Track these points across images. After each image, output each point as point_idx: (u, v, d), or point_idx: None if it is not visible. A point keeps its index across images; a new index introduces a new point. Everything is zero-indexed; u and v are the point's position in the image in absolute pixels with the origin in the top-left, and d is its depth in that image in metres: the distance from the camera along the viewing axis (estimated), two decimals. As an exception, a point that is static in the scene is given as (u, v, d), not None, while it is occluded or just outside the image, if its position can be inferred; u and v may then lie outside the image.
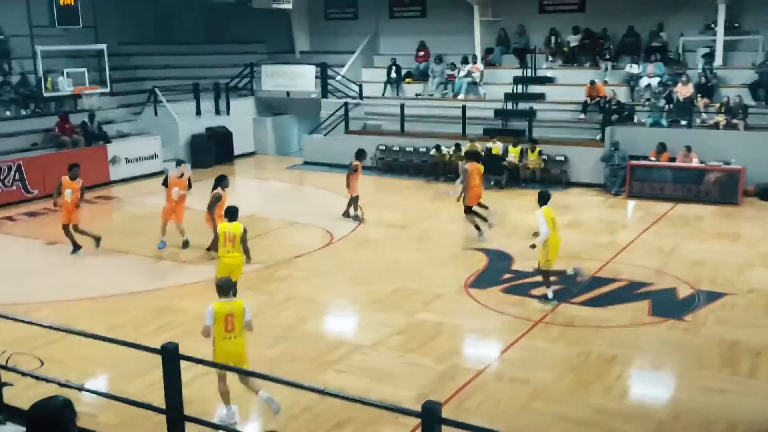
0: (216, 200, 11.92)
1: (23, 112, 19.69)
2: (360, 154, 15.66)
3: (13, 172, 17.17)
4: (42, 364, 8.49)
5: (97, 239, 13.18)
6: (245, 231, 9.92)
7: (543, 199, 10.62)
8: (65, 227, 12.95)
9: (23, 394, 7.15)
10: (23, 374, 6.88)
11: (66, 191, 12.82)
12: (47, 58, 19.02)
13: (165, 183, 13.47)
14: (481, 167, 14.30)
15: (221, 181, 12.24)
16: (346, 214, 15.42)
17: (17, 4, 18.76)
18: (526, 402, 7.68)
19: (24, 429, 3.25)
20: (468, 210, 13.91)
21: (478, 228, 13.82)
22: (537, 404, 7.65)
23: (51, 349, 8.85)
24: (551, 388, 7.96)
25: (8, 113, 19.39)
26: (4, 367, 6.70)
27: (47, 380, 6.38)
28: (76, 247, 13.04)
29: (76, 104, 20.52)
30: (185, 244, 13.29)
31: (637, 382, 8.31)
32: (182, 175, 13.43)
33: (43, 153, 18.45)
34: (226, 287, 7.35)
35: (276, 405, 7.15)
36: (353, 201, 15.38)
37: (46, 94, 19.32)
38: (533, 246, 10.58)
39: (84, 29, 19.71)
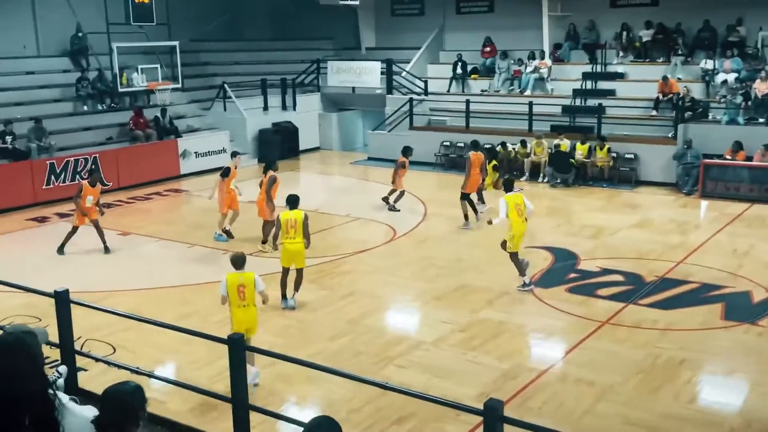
0: (273, 182, 12.71)
1: (99, 107, 20.38)
2: (406, 151, 15.89)
3: (89, 165, 17.77)
4: (114, 350, 8.77)
5: (106, 247, 13.18)
6: (307, 217, 10.13)
7: (507, 186, 11.07)
8: (75, 229, 13.02)
9: (97, 379, 7.43)
10: (97, 360, 7.15)
11: (87, 197, 12.96)
12: (123, 55, 19.61)
13: (226, 174, 13.67)
14: (482, 156, 14.79)
15: (272, 165, 13.05)
16: (385, 199, 15.88)
17: (95, 2, 19.41)
18: (590, 404, 7.54)
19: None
20: (463, 196, 14.32)
21: (466, 217, 14.20)
22: (602, 407, 7.50)
23: (123, 337, 9.14)
24: (617, 391, 7.80)
25: (85, 108, 20.10)
26: (79, 353, 6.96)
27: (119, 366, 6.61)
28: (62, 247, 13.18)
29: (149, 99, 21.12)
30: (230, 234, 13.74)
31: (707, 388, 8.06)
32: (236, 166, 13.86)
33: (117, 147, 19.06)
34: (238, 261, 8.08)
35: (255, 380, 7.75)
36: (398, 195, 15.85)
37: (121, 90, 19.94)
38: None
39: (157, 26, 20.26)
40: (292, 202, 10.28)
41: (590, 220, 14.94)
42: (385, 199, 15.94)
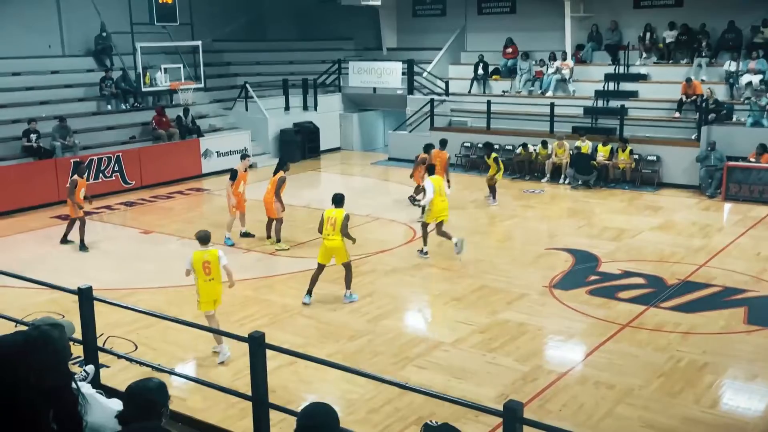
0: (281, 183, 12.95)
1: (123, 107, 20.58)
2: (428, 148, 15.97)
3: (112, 164, 17.96)
4: (136, 347, 8.86)
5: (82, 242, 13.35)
6: (347, 218, 10.29)
7: (430, 171, 12.89)
8: (74, 221, 13.45)
9: (118, 376, 7.52)
10: (119, 357, 7.23)
11: (81, 190, 13.31)
12: (146, 54, 19.78)
13: (233, 177, 13.54)
14: (445, 155, 15.57)
15: (283, 165, 13.29)
16: (412, 198, 16.22)
17: (119, 3, 19.60)
18: (610, 407, 7.50)
19: None
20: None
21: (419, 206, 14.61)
22: (622, 410, 7.46)
23: (144, 334, 9.24)
24: (637, 394, 7.74)
25: (109, 107, 20.31)
26: (102, 349, 7.03)
27: (140, 363, 6.67)
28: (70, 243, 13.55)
29: (172, 99, 21.29)
30: (247, 234, 13.91)
31: (729, 392, 7.97)
32: (245, 169, 13.91)
33: (140, 146, 19.24)
34: (203, 239, 8.71)
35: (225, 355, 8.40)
36: (419, 189, 16.09)
37: (144, 89, 20.12)
38: (417, 202, 12.61)
39: (181, 26, 20.41)
40: (338, 201, 10.45)
41: (611, 222, 14.85)
42: (412, 198, 16.27)
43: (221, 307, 10.33)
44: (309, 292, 10.47)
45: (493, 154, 16.86)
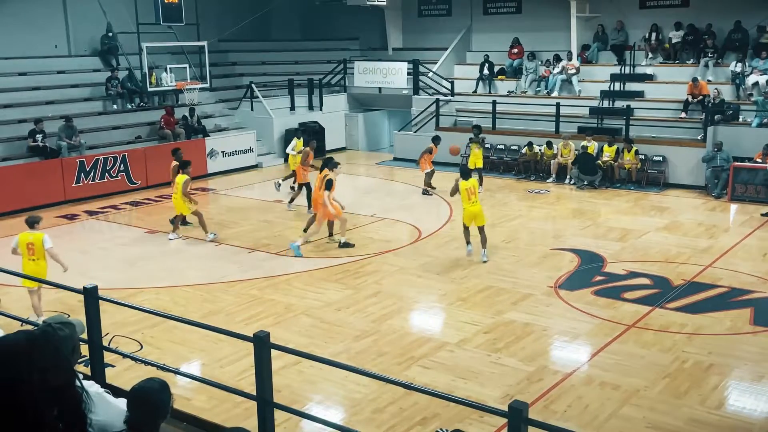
0: (329, 185, 12.91)
1: (129, 106, 20.63)
2: (436, 139, 17.58)
3: (118, 163, 18.01)
4: (141, 347, 8.87)
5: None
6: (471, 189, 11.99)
7: (327, 164, 13.35)
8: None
9: (123, 375, 7.54)
10: (124, 356, 7.24)
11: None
12: (152, 54, 19.83)
13: (328, 187, 13.03)
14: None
15: (330, 163, 13.44)
16: (425, 191, 17.17)
17: (125, 3, 19.66)
18: (616, 408, 7.48)
19: None
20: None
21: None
22: (627, 411, 7.44)
23: (149, 333, 9.25)
24: (643, 395, 7.72)
25: (115, 107, 20.36)
26: (107, 349, 7.05)
27: (146, 362, 6.68)
28: None
29: (178, 99, 21.33)
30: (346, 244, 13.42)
31: (735, 393, 7.94)
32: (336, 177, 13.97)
33: (146, 145, 19.28)
34: (31, 222, 9.59)
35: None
36: (426, 176, 17.20)
37: (150, 89, 20.17)
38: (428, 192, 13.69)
39: (186, 26, 20.45)
40: (465, 173, 12.44)
41: (617, 222, 14.82)
42: (425, 191, 17.16)
43: (226, 307, 10.39)
44: (468, 242, 12.37)
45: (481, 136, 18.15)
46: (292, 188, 16.52)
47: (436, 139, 17.89)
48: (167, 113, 20.09)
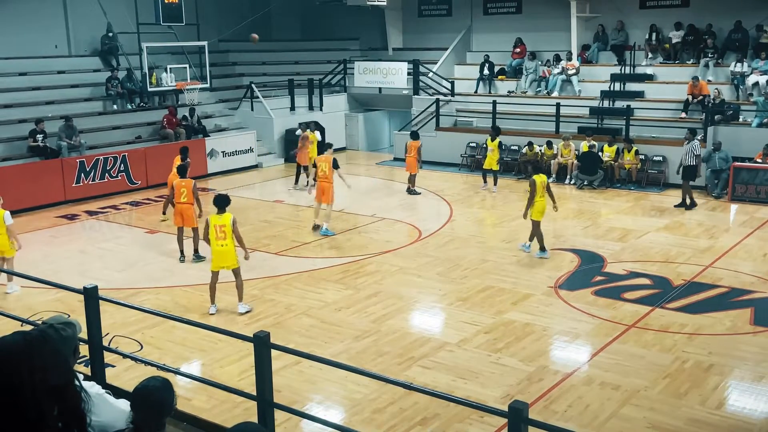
0: (337, 163, 14.14)
1: (129, 106, 20.63)
2: (415, 135, 17.79)
3: (118, 164, 18.00)
4: (141, 347, 8.87)
5: None
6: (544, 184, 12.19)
7: (327, 148, 14.23)
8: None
9: (123, 375, 7.54)
10: (124, 356, 7.24)
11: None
12: (152, 55, 19.84)
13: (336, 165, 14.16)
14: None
15: (327, 147, 14.81)
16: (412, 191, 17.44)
17: (125, 3, 19.67)
18: (616, 408, 7.48)
19: None
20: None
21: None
22: (627, 411, 7.43)
23: (150, 333, 9.25)
24: (643, 395, 7.72)
25: (115, 107, 20.36)
26: (107, 349, 7.05)
27: (146, 363, 6.69)
28: None
29: (178, 99, 21.33)
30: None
31: (735, 393, 7.94)
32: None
33: (146, 145, 19.28)
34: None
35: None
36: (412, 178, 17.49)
37: (150, 89, 20.17)
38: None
39: (186, 27, 20.46)
40: (538, 168, 13.37)
41: (617, 222, 14.82)
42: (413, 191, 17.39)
43: (226, 307, 10.37)
44: (541, 247, 12.50)
45: (498, 139, 17.71)
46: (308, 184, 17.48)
47: (415, 135, 17.87)
48: (170, 113, 20.10)
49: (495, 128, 18.26)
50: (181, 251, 12.60)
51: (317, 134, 18.54)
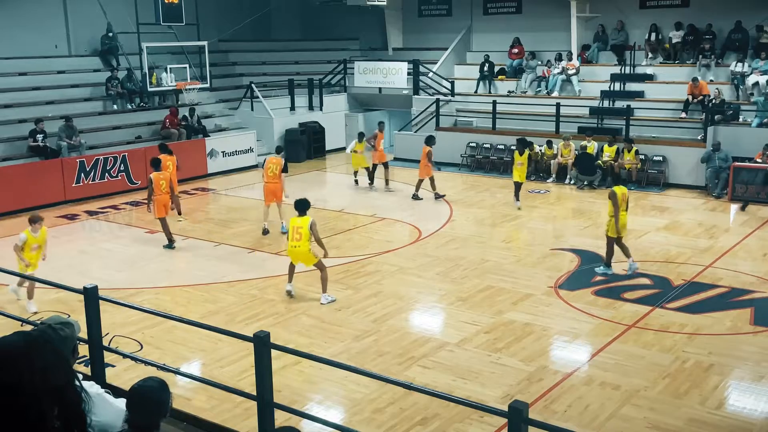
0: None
1: (129, 106, 20.63)
2: (430, 140, 17.18)
3: (118, 163, 18.00)
4: (141, 347, 8.87)
5: None
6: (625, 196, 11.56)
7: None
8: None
9: (123, 375, 7.54)
10: (124, 356, 7.24)
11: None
12: (152, 54, 19.83)
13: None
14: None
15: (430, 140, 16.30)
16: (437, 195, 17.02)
17: (125, 3, 19.67)
18: (616, 408, 7.48)
19: None
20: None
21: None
22: (627, 411, 7.43)
23: (149, 333, 9.25)
24: (643, 395, 7.72)
25: (115, 107, 20.36)
26: (107, 349, 7.05)
27: (146, 362, 6.69)
28: None
29: (178, 99, 21.33)
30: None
31: (735, 393, 7.94)
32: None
33: (146, 145, 19.28)
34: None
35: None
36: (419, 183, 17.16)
37: (150, 89, 20.17)
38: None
39: (186, 26, 20.46)
40: (619, 179, 12.55)
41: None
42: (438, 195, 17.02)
43: (226, 307, 10.39)
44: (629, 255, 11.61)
45: (527, 151, 16.32)
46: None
47: (429, 140, 17.18)
48: (171, 113, 20.09)
49: (522, 140, 16.48)
50: (170, 239, 13.30)
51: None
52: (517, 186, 15.93)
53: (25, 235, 10.10)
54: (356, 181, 18.84)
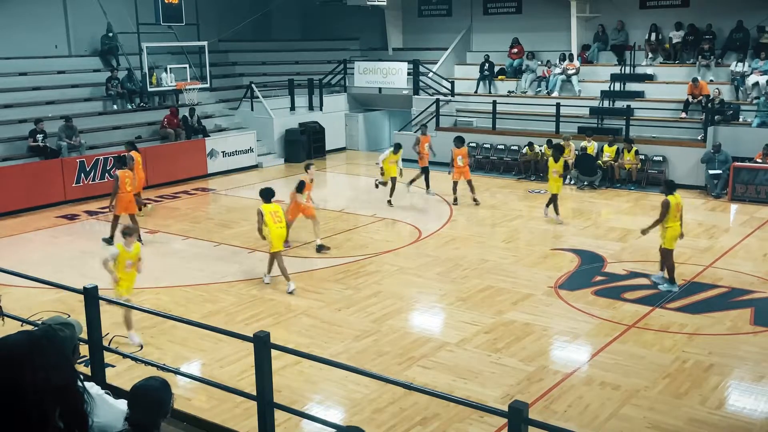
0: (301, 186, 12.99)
1: (129, 106, 20.63)
2: (459, 141, 16.47)
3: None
4: (141, 347, 8.87)
5: None
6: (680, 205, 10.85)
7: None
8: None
9: (124, 375, 7.54)
10: (124, 356, 7.25)
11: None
12: (152, 55, 19.83)
13: (300, 189, 12.83)
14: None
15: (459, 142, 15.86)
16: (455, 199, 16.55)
17: (125, 3, 19.66)
18: (616, 408, 7.48)
19: None
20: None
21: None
22: (627, 411, 7.44)
23: (149, 333, 9.25)
24: (643, 395, 7.72)
25: (115, 107, 20.36)
26: (107, 349, 7.06)
27: (146, 362, 6.69)
28: None
29: (178, 99, 21.33)
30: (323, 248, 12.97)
31: (735, 393, 7.94)
32: (311, 180, 13.38)
33: (146, 145, 19.26)
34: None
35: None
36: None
37: (150, 89, 20.17)
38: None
39: (186, 27, 20.45)
40: (671, 186, 11.11)
41: (617, 222, 14.81)
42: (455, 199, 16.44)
43: (226, 307, 10.39)
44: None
45: (562, 159, 14.93)
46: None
47: (459, 142, 16.32)
48: (171, 113, 20.09)
49: (558, 146, 15.42)
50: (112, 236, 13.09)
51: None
52: (554, 198, 14.53)
53: (118, 250, 8.89)
54: (377, 185, 16.93)
